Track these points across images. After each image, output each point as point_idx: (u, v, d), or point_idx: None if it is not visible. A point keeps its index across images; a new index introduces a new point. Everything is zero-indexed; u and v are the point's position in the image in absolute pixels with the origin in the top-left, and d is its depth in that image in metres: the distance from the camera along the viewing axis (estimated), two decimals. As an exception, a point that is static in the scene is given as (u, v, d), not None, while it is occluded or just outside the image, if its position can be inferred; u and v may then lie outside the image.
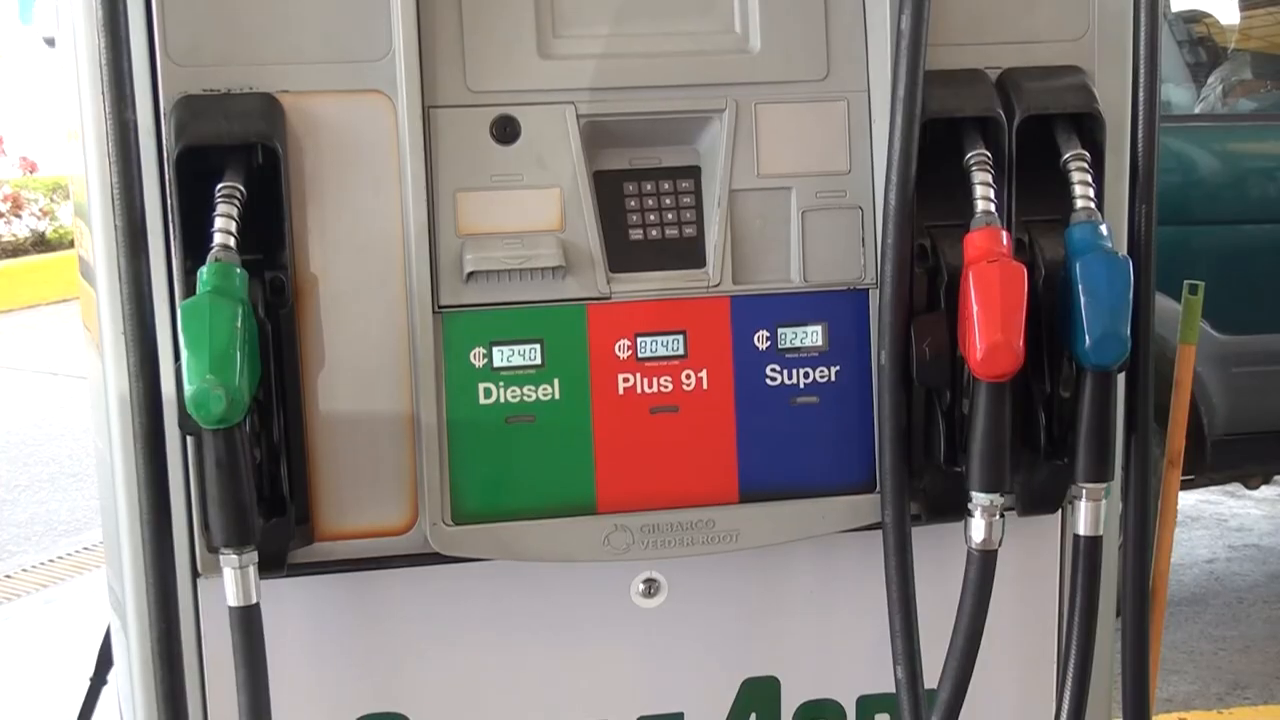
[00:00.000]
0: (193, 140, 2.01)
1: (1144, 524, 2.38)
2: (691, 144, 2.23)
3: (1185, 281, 2.71)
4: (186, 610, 2.13)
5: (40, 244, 11.05)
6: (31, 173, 11.72)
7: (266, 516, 2.07)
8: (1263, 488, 5.86)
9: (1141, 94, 2.27)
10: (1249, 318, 4.67)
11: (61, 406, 8.28)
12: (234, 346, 1.90)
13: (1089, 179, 2.16)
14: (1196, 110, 5.12)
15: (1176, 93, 5.18)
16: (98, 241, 2.11)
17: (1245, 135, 4.96)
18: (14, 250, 10.90)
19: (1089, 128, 2.20)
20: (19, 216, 11.01)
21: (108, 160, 2.02)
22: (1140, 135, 2.28)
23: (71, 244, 9.57)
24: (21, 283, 10.67)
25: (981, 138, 2.17)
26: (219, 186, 2.00)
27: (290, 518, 2.10)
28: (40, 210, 11.13)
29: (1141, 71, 2.27)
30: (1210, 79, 5.14)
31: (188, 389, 1.89)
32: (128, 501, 2.13)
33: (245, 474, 1.97)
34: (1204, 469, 4.84)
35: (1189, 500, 6.28)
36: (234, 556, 1.99)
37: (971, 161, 2.15)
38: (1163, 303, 2.44)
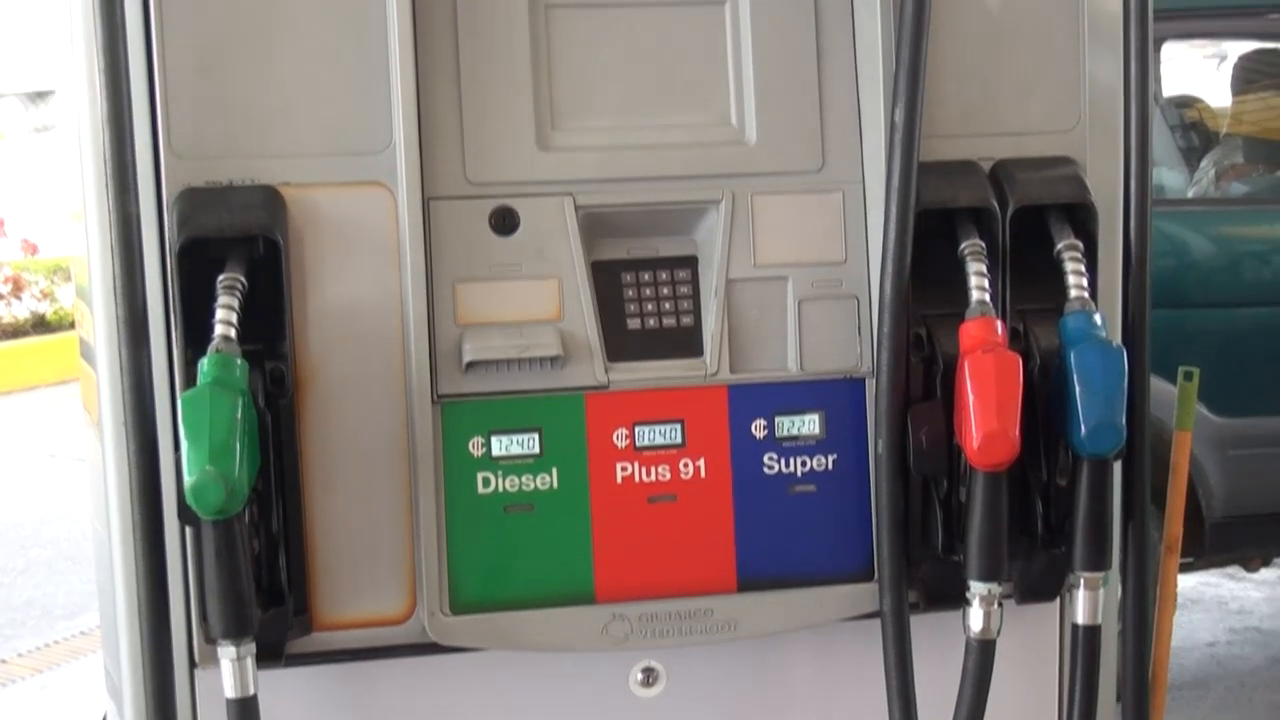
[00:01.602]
0: (195, 233, 2.03)
1: (1143, 611, 2.38)
2: (689, 234, 2.26)
3: (1180, 368, 2.72)
4: (184, 701, 2.12)
5: (40, 325, 11.07)
6: (33, 255, 11.77)
7: (265, 607, 2.06)
8: (1263, 570, 5.84)
9: (1133, 185, 2.30)
10: (1246, 400, 4.68)
11: (60, 489, 8.26)
12: (234, 438, 1.91)
13: (1082, 268, 2.18)
14: (1190, 194, 5.16)
15: (1170, 176, 5.22)
16: (99, 328, 2.13)
17: (1238, 219, 5.00)
18: (14, 332, 10.93)
19: (1082, 218, 2.23)
20: (19, 298, 11.04)
21: (110, 251, 2.04)
22: (1133, 225, 2.30)
23: (72, 325, 9.57)
24: (21, 364, 10.68)
25: (975, 228, 2.19)
26: (220, 278, 2.02)
27: (288, 608, 2.10)
28: (41, 292, 11.16)
29: (1133, 163, 2.30)
30: (1203, 163, 5.18)
31: (187, 480, 1.90)
32: (126, 593, 2.13)
33: (244, 565, 1.97)
34: (1203, 552, 4.83)
35: (1189, 582, 6.25)
36: (232, 648, 1.99)
37: (966, 251, 2.17)
38: (1159, 385, 2.45)
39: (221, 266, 2.04)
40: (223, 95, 2.09)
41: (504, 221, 2.18)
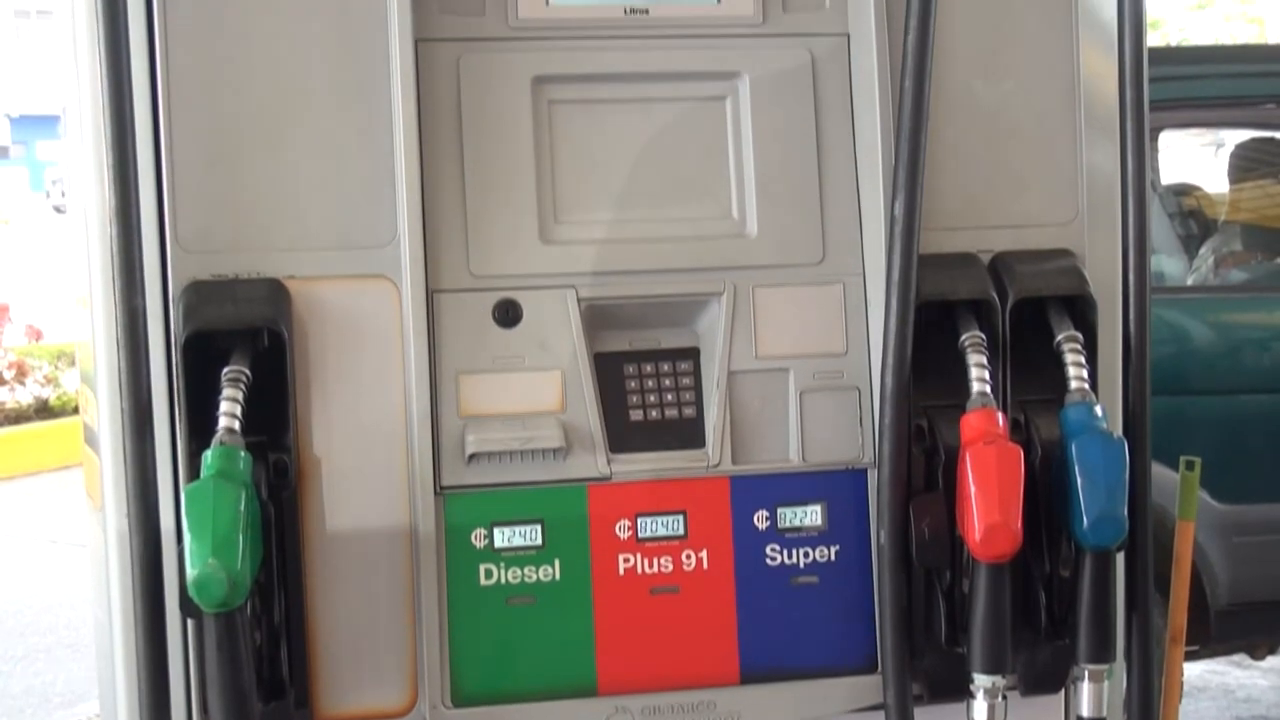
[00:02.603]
0: (200, 325, 2.05)
1: (1148, 703, 2.36)
2: (690, 326, 2.27)
3: (1181, 458, 2.73)
4: (183, 796, 2.11)
5: (43, 411, 11.07)
6: (37, 340, 11.80)
7: (266, 699, 2.06)
8: (1269, 658, 5.80)
9: (1132, 277, 2.32)
10: (1248, 487, 4.67)
11: (60, 575, 8.24)
12: (237, 531, 1.92)
13: (1082, 360, 2.19)
14: (1189, 281, 5.19)
15: (1169, 264, 5.24)
16: (103, 420, 2.14)
17: (1238, 306, 5.02)
18: (17, 417, 10.93)
19: (1081, 309, 2.25)
20: (23, 384, 11.05)
21: (115, 344, 2.06)
22: (1132, 317, 2.32)
23: (75, 411, 9.56)
24: (23, 450, 10.66)
25: (976, 320, 2.21)
26: (225, 371, 2.03)
27: (290, 701, 2.10)
28: (45, 377, 11.17)
29: (1131, 255, 2.32)
30: (1202, 250, 5.21)
31: (190, 573, 1.90)
32: (127, 682, 2.13)
33: (245, 658, 1.97)
34: (1208, 640, 4.80)
35: (1194, 670, 6.20)
36: (232, 743, 1.97)
37: (966, 343, 2.18)
38: (1161, 472, 2.45)
39: (226, 358, 2.06)
40: (230, 190, 2.12)
41: (507, 314, 2.20)
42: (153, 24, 2.10)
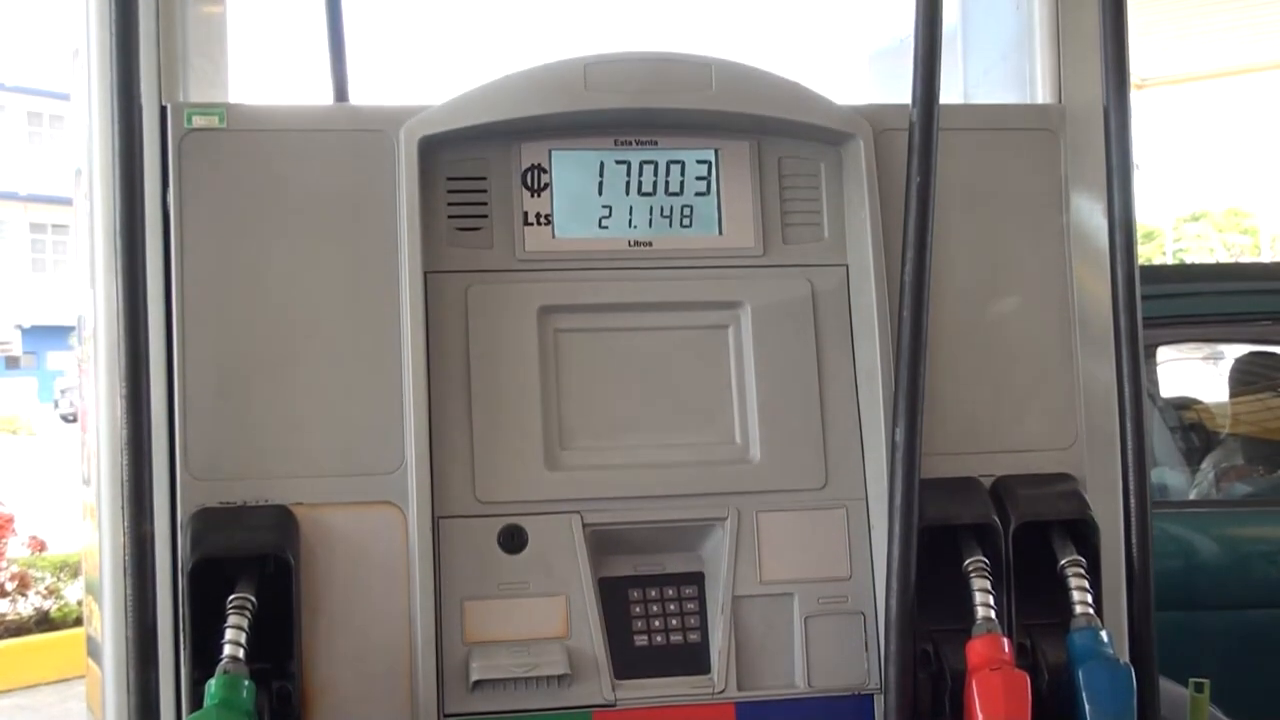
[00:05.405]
0: (208, 552, 2.07)
1: None
2: (695, 550, 2.28)
3: (1190, 680, 2.70)
4: None
5: (44, 623, 10.99)
6: (40, 552, 11.76)
7: None
8: None
9: (1133, 502, 2.33)
10: (1262, 704, 4.61)
11: (53, 794, 8.08)
12: (239, 762, 1.90)
13: (1086, 584, 2.20)
14: (1192, 495, 5.19)
15: (1171, 477, 5.26)
16: (107, 642, 2.14)
17: (1242, 520, 5.01)
18: (17, 629, 10.83)
19: (1083, 533, 2.26)
20: (24, 595, 10.98)
21: (122, 570, 2.07)
22: (1135, 542, 2.32)
23: (76, 622, 9.49)
24: (22, 662, 10.55)
25: (978, 544, 2.22)
26: (231, 598, 2.03)
27: None
28: (46, 589, 11.11)
29: (1131, 479, 2.34)
30: (1204, 464, 5.23)
31: (191, 806, 1.88)
32: None
33: None
34: None
35: None
36: None
37: (970, 568, 2.19)
38: (1171, 688, 2.43)
39: (233, 583, 2.06)
40: (240, 417, 2.15)
41: (512, 540, 2.22)
42: (169, 253, 2.17)
